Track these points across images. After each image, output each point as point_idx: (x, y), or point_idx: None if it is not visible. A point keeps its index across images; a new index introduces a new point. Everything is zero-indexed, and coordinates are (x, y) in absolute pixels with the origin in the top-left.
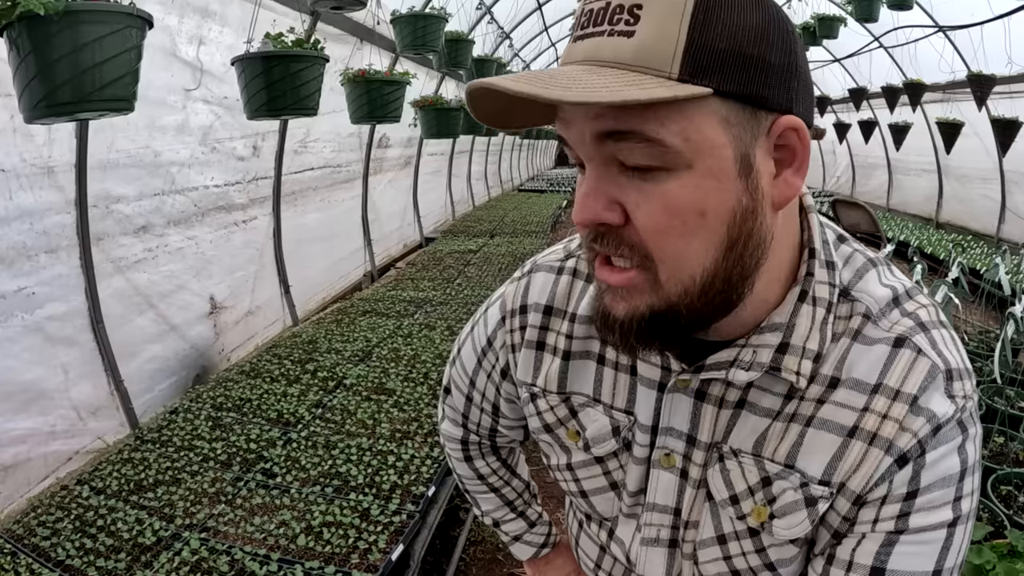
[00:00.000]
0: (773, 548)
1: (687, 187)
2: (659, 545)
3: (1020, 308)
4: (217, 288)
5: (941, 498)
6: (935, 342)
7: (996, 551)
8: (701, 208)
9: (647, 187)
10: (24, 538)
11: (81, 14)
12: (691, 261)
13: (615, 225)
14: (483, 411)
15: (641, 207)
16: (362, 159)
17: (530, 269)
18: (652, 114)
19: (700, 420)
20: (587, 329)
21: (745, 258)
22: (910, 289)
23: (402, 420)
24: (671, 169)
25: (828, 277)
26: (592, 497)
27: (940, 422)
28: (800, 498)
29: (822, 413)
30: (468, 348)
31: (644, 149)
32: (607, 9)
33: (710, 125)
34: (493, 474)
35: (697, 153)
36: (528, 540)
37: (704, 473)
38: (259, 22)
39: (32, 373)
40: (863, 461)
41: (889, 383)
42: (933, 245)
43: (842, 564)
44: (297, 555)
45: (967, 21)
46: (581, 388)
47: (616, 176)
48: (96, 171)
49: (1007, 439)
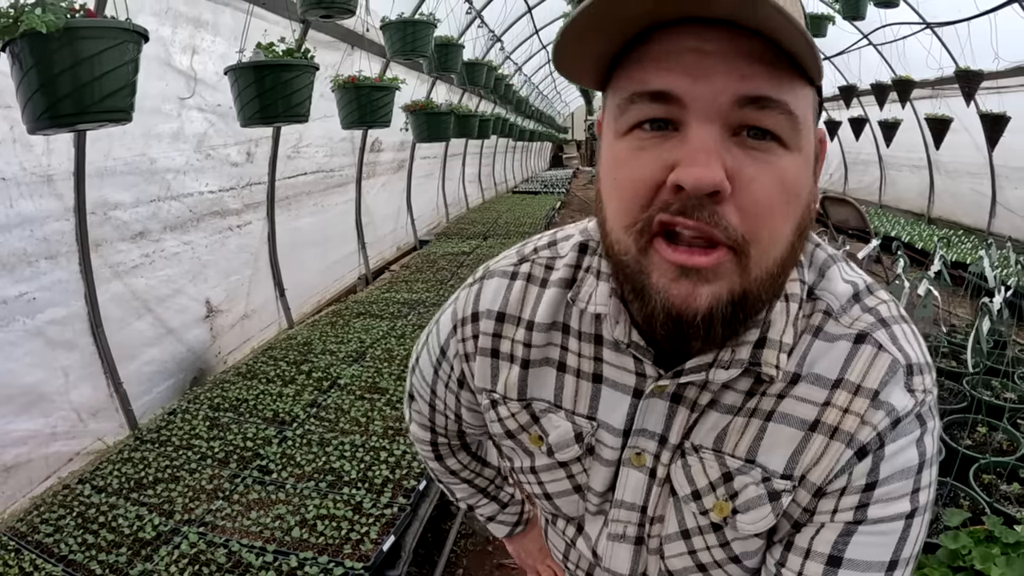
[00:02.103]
0: (737, 542)
1: (797, 166)
2: (625, 541)
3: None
4: (213, 292)
5: (899, 490)
6: (896, 337)
7: (973, 536)
8: (800, 191)
9: (766, 159)
10: (28, 535)
11: (81, 30)
12: (779, 244)
13: (718, 197)
14: (447, 417)
15: (756, 181)
16: (355, 163)
17: (482, 275)
18: (790, 86)
19: (672, 422)
20: (546, 336)
21: (800, 249)
22: (870, 284)
23: (395, 418)
24: (788, 147)
25: (798, 274)
26: (557, 499)
27: (899, 415)
28: (763, 492)
29: (782, 408)
30: (425, 357)
31: (784, 119)
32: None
33: (812, 112)
34: (464, 468)
35: (806, 135)
36: (502, 520)
37: (668, 471)
38: (251, 31)
39: (33, 376)
40: (824, 454)
41: (850, 378)
42: (924, 240)
43: (800, 551)
44: (292, 547)
45: (954, 17)
46: (541, 394)
47: (730, 144)
48: (94, 179)
49: (990, 429)
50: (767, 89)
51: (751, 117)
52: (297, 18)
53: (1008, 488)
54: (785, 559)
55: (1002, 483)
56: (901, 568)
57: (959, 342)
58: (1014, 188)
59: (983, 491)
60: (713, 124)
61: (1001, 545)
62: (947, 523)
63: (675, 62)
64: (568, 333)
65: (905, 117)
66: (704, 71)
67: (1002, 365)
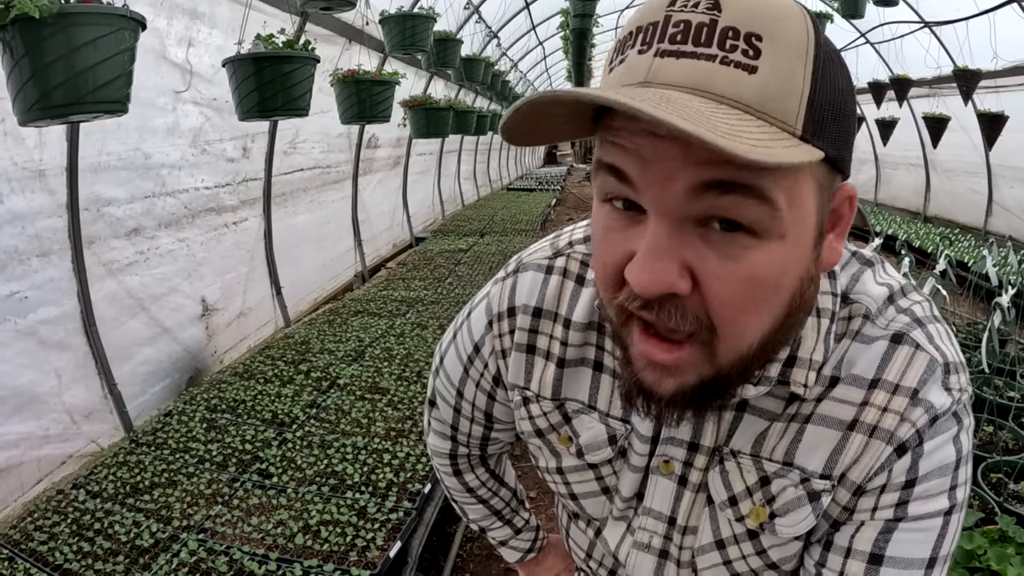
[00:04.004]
0: (775, 548)
1: (775, 258)
2: (650, 552)
3: (1006, 298)
4: (209, 290)
5: (938, 487)
6: (932, 336)
7: (987, 537)
8: (779, 282)
9: (732, 254)
10: (21, 543)
11: (75, 16)
12: (753, 332)
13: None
14: (473, 421)
15: (720, 279)
16: (351, 159)
17: (515, 268)
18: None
19: (703, 427)
20: (583, 336)
21: (797, 323)
22: (904, 286)
23: (397, 419)
24: (762, 236)
25: (830, 287)
26: (582, 500)
27: (937, 413)
28: (802, 494)
29: (820, 410)
30: (452, 357)
31: (754, 209)
32: (714, 29)
33: (808, 191)
34: (482, 486)
35: (794, 221)
36: (514, 546)
37: (705, 477)
38: (248, 23)
39: (25, 377)
40: (864, 452)
41: (888, 377)
42: (921, 239)
43: (840, 550)
44: (295, 554)
45: (952, 17)
46: (576, 395)
47: (692, 237)
48: (87, 174)
49: (996, 428)
50: (732, 173)
51: (713, 207)
52: (295, 10)
53: (1016, 487)
54: (825, 559)
55: (1010, 482)
56: (940, 565)
57: (962, 341)
58: (1010, 187)
59: (992, 490)
60: (668, 216)
61: (1015, 545)
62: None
63: (629, 140)
64: (604, 333)
65: (902, 116)
66: (656, 155)
67: (1005, 364)
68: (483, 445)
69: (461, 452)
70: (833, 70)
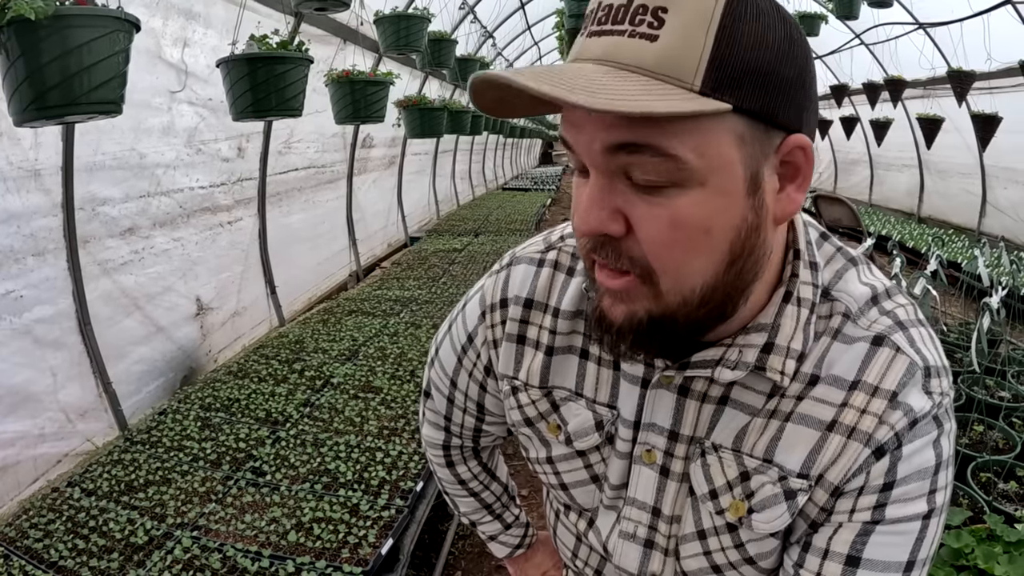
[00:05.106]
0: (752, 543)
1: (697, 204)
2: (635, 542)
3: (996, 299)
4: (203, 289)
5: (916, 490)
6: (913, 340)
7: (975, 535)
8: (708, 226)
9: (656, 201)
10: (16, 540)
11: (70, 18)
12: (693, 275)
13: (617, 236)
14: (466, 411)
15: (647, 221)
16: (346, 159)
17: (509, 262)
18: (669, 127)
19: (683, 415)
20: (571, 324)
21: (745, 272)
22: (889, 288)
23: (389, 417)
24: (682, 185)
25: (811, 278)
26: (572, 489)
27: (917, 416)
28: (779, 491)
29: (801, 409)
30: (447, 348)
31: (659, 164)
32: (629, 7)
33: (726, 142)
34: (474, 479)
35: (711, 170)
36: (503, 541)
37: (686, 467)
38: (243, 23)
39: (20, 376)
40: (842, 454)
41: (868, 379)
42: (914, 239)
43: (818, 551)
44: (288, 551)
45: (947, 18)
46: (563, 382)
47: (622, 187)
48: (82, 174)
49: (986, 427)
50: (628, 136)
51: (624, 162)
52: (290, 11)
53: (1006, 486)
54: (803, 560)
55: (1000, 481)
56: (918, 569)
57: (953, 341)
58: (1004, 188)
59: (981, 489)
60: (600, 171)
61: (1003, 544)
62: (948, 522)
63: (570, 114)
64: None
65: (896, 117)
66: (580, 122)
67: (996, 364)
68: (475, 437)
69: (454, 443)
70: (753, 30)
